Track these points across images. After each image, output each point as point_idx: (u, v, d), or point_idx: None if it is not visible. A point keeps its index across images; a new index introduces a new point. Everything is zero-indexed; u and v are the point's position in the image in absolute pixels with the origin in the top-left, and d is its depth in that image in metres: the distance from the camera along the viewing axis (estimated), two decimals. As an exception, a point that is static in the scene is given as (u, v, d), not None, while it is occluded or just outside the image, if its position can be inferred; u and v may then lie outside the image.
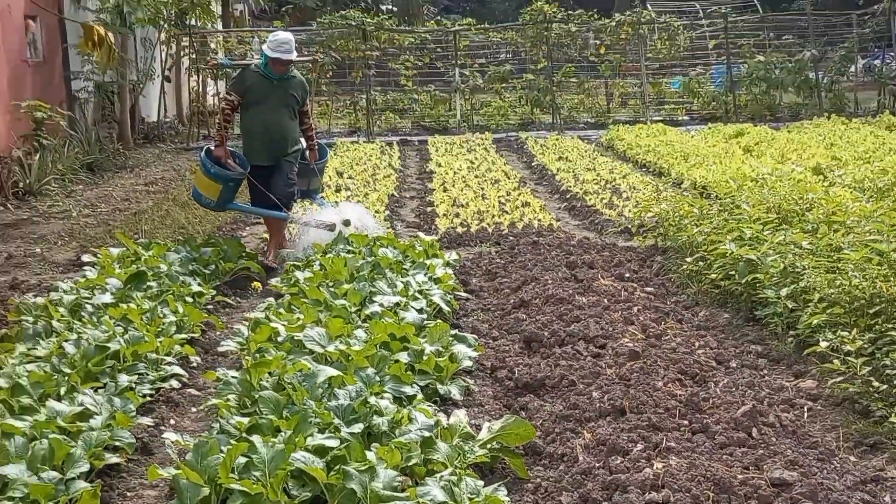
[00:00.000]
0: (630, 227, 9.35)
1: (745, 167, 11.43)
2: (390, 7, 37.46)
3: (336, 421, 4.31)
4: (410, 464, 4.01)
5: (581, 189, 11.97)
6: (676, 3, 26.66)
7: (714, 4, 26.38)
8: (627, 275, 7.61)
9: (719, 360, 5.58)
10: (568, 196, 11.83)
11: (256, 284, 7.63)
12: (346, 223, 8.49)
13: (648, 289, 7.27)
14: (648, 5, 25.79)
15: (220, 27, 22.88)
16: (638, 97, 22.23)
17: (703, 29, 23.99)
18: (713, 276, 6.97)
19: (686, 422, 4.52)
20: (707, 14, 25.30)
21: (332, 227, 8.36)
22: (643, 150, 15.03)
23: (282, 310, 6.35)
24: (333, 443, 4.01)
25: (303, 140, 8.86)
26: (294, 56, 8.36)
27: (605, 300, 6.73)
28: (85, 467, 4.04)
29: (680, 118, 21.11)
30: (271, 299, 6.97)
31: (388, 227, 9.81)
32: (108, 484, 4.28)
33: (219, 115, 8.95)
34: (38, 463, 3.94)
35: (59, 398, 4.82)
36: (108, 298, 6.74)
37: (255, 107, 8.42)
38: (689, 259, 7.44)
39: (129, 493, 4.29)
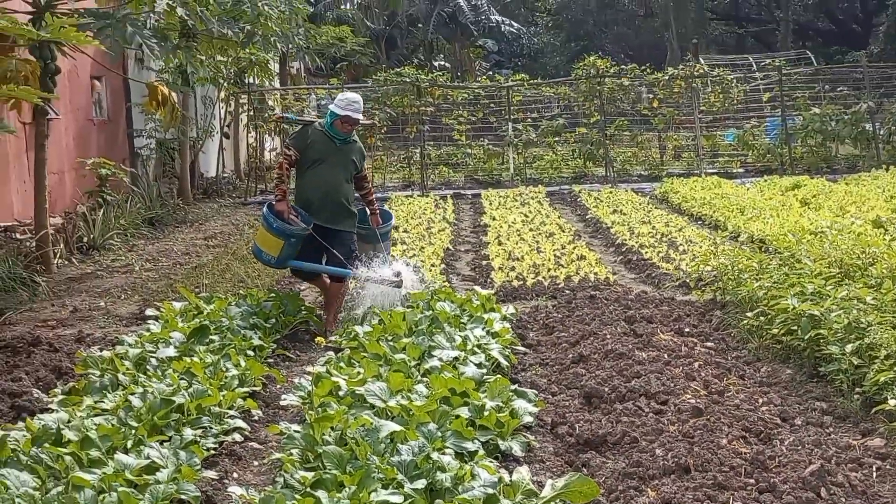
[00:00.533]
0: (688, 280, 9.29)
1: (804, 220, 11.33)
2: (443, 63, 38.01)
3: (399, 476, 4.32)
4: (474, 521, 4.00)
5: (636, 242, 11.94)
6: (729, 56, 26.66)
7: (767, 57, 26.33)
8: (687, 329, 7.56)
9: (784, 417, 5.50)
10: (623, 249, 11.80)
11: (320, 340, 7.69)
12: (399, 279, 8.15)
13: (708, 344, 7.20)
14: (701, 59, 25.82)
15: (277, 85, 23.36)
16: (691, 150, 22.18)
17: (756, 82, 23.92)
18: (775, 331, 6.89)
19: (752, 480, 4.46)
20: (760, 67, 25.23)
21: (398, 284, 8.07)
22: (698, 202, 14.97)
23: (342, 364, 6.40)
24: (397, 499, 4.02)
25: (360, 205, 8.65)
26: (361, 117, 8.13)
27: (666, 355, 6.69)
28: (152, 520, 4.08)
29: (734, 171, 20.99)
30: (331, 353, 7.03)
31: (444, 281, 9.85)
32: (174, 537, 4.32)
33: (276, 170, 8.64)
34: (107, 516, 4.00)
35: (126, 451, 4.90)
36: (171, 352, 6.85)
37: (314, 166, 8.16)
38: (749, 314, 7.36)
39: (194, 547, 4.33)
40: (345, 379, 5.88)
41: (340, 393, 5.63)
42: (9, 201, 11.99)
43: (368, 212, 8.63)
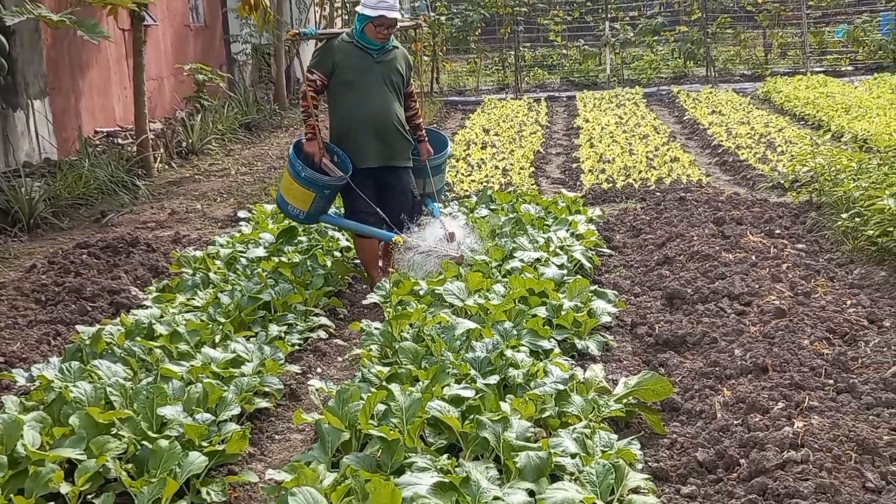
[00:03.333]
0: (783, 182, 9.03)
1: (912, 119, 10.83)
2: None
3: (472, 372, 4.39)
4: (544, 416, 4.06)
5: (733, 143, 11.62)
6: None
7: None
8: (778, 231, 7.38)
9: (871, 319, 5.36)
10: (719, 151, 11.51)
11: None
12: (451, 238, 6.50)
13: (800, 245, 7.03)
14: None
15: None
16: (798, 47, 21.28)
17: (870, -27, 22.67)
18: (870, 232, 6.66)
19: (831, 381, 4.39)
20: (876, -43, 23.85)
21: (459, 262, 6.28)
22: (801, 102, 14.42)
23: (424, 264, 6.47)
24: (469, 393, 4.09)
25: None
26: (398, 15, 6.37)
27: (753, 257, 6.56)
28: (236, 410, 4.26)
29: (843, 69, 20.08)
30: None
31: (532, 185, 9.80)
32: (257, 427, 4.51)
33: (301, 102, 6.53)
34: (192, 405, 4.19)
35: (213, 345, 5.10)
36: (261, 252, 7.05)
37: (350, 89, 6.40)
38: (844, 215, 7.14)
39: (276, 437, 4.51)
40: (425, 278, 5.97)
41: (420, 292, 5.71)
42: (110, 107, 12.34)
43: (417, 139, 6.84)
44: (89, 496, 3.62)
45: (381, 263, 6.78)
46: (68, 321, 5.87)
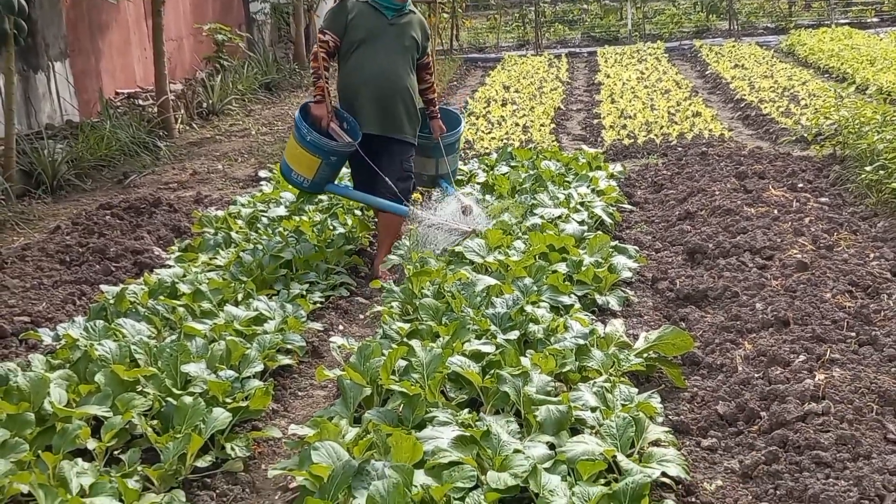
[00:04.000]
0: (806, 135, 8.94)
1: (939, 70, 10.66)
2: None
3: (493, 328, 4.41)
4: (564, 370, 4.08)
5: (756, 97, 11.49)
6: None
7: None
8: (801, 185, 7.31)
9: (895, 272, 5.32)
10: (742, 105, 11.39)
11: (416, 196, 7.46)
12: (467, 211, 6.20)
13: (823, 199, 6.97)
14: None
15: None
16: (823, -1, 20.96)
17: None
18: (894, 185, 6.60)
19: (853, 334, 4.38)
20: None
21: (472, 235, 5.90)
22: (826, 54, 14.22)
23: (445, 221, 6.46)
24: (489, 348, 4.11)
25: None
26: None
27: (775, 211, 6.51)
28: (259, 367, 4.31)
29: (869, 20, 19.74)
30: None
31: (553, 141, 9.75)
32: (280, 384, 4.56)
33: (312, 62, 6.12)
34: (216, 362, 4.24)
35: (236, 304, 5.14)
36: (282, 211, 7.07)
37: (360, 50, 6.05)
38: (868, 168, 7.06)
39: (300, 393, 4.56)
40: (445, 235, 5.97)
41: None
42: (131, 68, 12.34)
43: (428, 113, 6.52)
44: (116, 451, 3.69)
45: (378, 252, 6.35)
46: (93, 281, 5.92)
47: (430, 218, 6.03)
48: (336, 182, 6.47)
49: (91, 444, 3.62)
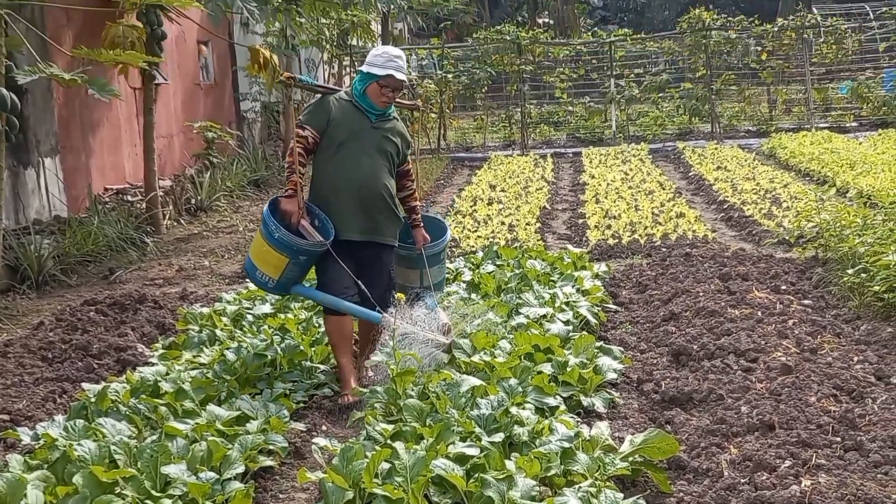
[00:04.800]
0: (789, 237, 9.05)
1: (916, 174, 10.87)
2: (547, 20, 37.55)
3: (477, 430, 4.38)
4: (549, 474, 4.04)
5: (739, 199, 11.66)
6: (844, 4, 25.56)
7: (886, 4, 25.13)
8: (784, 287, 7.38)
9: (879, 375, 5.33)
10: (725, 206, 11.55)
11: (400, 295, 7.50)
12: (447, 330, 5.70)
13: (806, 301, 7.02)
14: (814, 8, 24.84)
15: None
16: (802, 104, 21.42)
17: (873, 31, 22.88)
18: (876, 288, 6.66)
19: (839, 439, 4.36)
20: (877, 15, 24.11)
21: (448, 349, 5.60)
22: (807, 158, 14.49)
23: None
24: (474, 451, 4.08)
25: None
26: (406, 78, 5.80)
27: (759, 313, 6.55)
28: (240, 469, 4.24)
29: (847, 125, 20.17)
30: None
31: (538, 240, 9.84)
32: (261, 485, 4.49)
33: (287, 157, 5.82)
34: (197, 463, 4.18)
35: (219, 402, 5.10)
36: (267, 309, 7.08)
37: (339, 150, 5.71)
38: (850, 271, 7.14)
39: (281, 495, 4.49)
40: (431, 335, 5.96)
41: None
42: (121, 165, 12.46)
43: (411, 224, 6.11)
44: (92, 556, 3.60)
45: (356, 350, 6.03)
46: (74, 378, 5.88)
47: (407, 327, 5.55)
48: (303, 283, 5.98)
49: (66, 549, 3.55)
